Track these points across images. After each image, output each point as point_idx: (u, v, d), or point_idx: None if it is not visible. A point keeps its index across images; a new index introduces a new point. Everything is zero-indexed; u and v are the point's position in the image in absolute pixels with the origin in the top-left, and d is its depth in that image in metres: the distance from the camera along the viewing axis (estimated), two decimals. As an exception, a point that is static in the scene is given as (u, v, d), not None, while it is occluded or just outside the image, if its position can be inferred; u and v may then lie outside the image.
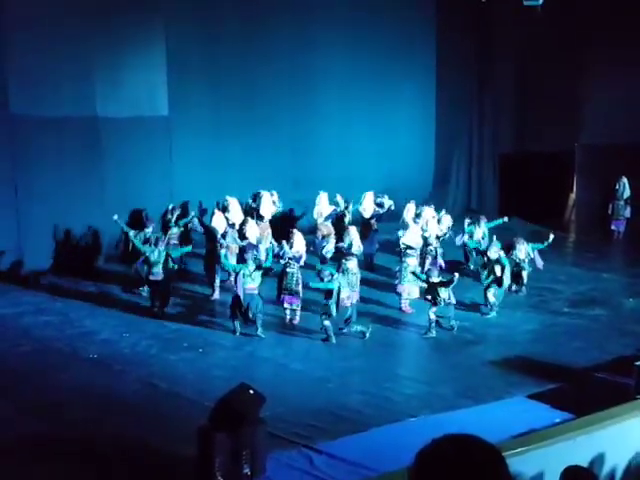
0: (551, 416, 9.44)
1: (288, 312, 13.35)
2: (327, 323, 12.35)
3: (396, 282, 14.13)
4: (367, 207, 17.22)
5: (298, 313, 13.34)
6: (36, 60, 15.50)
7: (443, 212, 16.70)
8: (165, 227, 15.91)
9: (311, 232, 16.95)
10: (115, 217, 14.68)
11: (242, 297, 12.47)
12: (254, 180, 17.81)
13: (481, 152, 23.23)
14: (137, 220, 16.20)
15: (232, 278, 14.79)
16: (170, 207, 16.23)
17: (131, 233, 14.54)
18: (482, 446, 2.11)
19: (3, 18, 15.27)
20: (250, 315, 12.50)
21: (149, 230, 14.84)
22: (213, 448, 7.78)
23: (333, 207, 17.20)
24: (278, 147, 19.28)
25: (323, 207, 17.06)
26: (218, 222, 15.45)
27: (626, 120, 19.60)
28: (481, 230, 16.16)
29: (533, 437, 6.48)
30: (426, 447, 2.13)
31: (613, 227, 19.68)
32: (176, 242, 15.40)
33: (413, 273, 13.67)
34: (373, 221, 17.01)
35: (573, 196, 22.01)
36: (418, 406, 10.03)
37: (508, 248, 14.65)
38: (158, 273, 13.55)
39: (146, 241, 14.16)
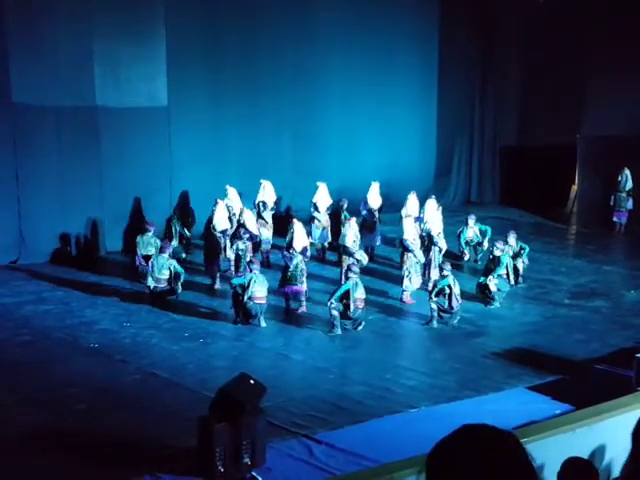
0: (551, 408, 9.44)
1: (292, 302, 13.34)
2: (335, 313, 12.33)
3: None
4: (373, 198, 17.21)
5: (304, 303, 13.34)
6: (37, 50, 15.51)
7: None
8: (169, 231, 15.95)
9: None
10: None
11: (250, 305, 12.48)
12: (253, 171, 17.80)
13: (482, 144, 23.22)
14: (137, 221, 16.28)
15: (232, 268, 14.82)
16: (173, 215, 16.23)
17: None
18: (503, 435, 2.11)
19: (6, 9, 15.25)
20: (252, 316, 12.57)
21: (150, 233, 14.80)
22: (213, 438, 7.79)
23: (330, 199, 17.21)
24: (278, 138, 19.26)
25: (322, 198, 17.02)
26: (220, 213, 15.46)
27: (628, 112, 19.54)
28: (472, 229, 16.41)
29: (533, 428, 6.48)
30: (447, 437, 2.13)
31: (615, 219, 19.63)
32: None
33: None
34: (375, 212, 16.99)
35: (575, 188, 21.96)
36: (418, 397, 10.04)
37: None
38: (161, 281, 13.60)
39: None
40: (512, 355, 11.59)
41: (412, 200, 16.35)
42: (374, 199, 17.17)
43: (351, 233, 14.87)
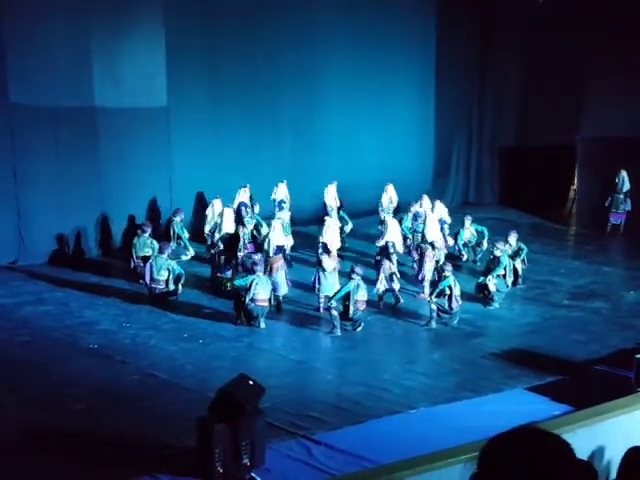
0: (550, 409, 9.44)
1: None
2: (335, 313, 12.33)
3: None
4: (392, 199, 17.26)
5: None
6: (35, 50, 15.43)
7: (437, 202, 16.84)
8: (167, 233, 15.90)
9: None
10: None
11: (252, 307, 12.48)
12: (253, 171, 17.78)
13: (481, 145, 23.18)
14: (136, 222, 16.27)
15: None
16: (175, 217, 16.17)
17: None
18: (555, 439, 2.22)
19: (2, 8, 15.19)
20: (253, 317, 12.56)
21: (146, 235, 14.78)
22: (213, 439, 7.80)
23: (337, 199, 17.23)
24: (278, 139, 19.24)
25: (331, 198, 17.06)
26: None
27: (628, 113, 19.51)
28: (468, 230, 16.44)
29: (532, 429, 6.45)
30: (501, 434, 2.22)
31: (612, 220, 19.59)
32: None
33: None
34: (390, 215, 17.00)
35: (574, 189, 21.95)
36: (417, 398, 10.04)
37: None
38: (159, 282, 13.60)
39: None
40: (511, 356, 11.59)
41: (426, 202, 16.35)
42: (392, 200, 17.26)
43: (329, 233, 14.78)
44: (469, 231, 16.48)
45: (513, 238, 14.97)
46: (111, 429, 8.95)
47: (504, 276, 13.97)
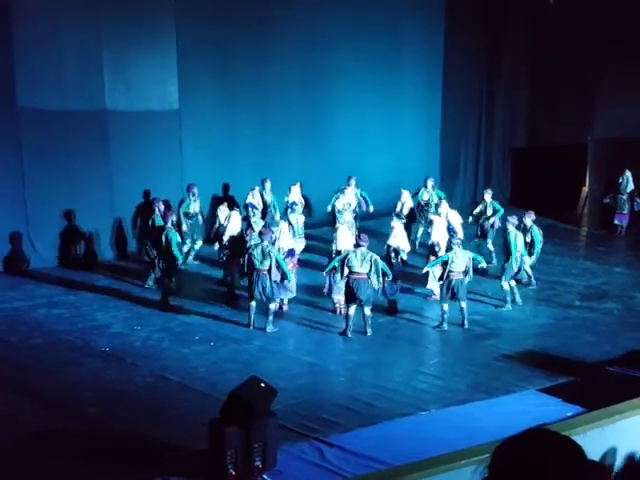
0: (563, 410, 9.42)
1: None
2: (350, 313, 12.34)
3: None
4: (406, 202, 17.25)
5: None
6: (44, 53, 15.44)
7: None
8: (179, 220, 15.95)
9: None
10: None
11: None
12: (264, 173, 17.79)
13: (490, 145, 23.07)
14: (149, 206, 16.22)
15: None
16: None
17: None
18: (563, 440, 2.21)
19: (12, 11, 15.24)
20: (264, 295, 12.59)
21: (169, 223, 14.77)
22: (225, 441, 7.81)
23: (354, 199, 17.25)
24: (287, 140, 19.24)
25: (350, 198, 17.05)
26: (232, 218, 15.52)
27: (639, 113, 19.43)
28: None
29: (545, 431, 6.44)
30: (513, 437, 2.21)
31: (616, 221, 19.42)
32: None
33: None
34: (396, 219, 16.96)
35: (586, 190, 21.85)
36: (429, 400, 10.03)
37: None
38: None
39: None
40: (523, 357, 11.57)
41: (444, 207, 16.32)
42: (406, 203, 17.28)
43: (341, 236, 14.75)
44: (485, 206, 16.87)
45: (529, 219, 14.99)
46: (122, 431, 8.98)
47: (525, 254, 13.99)
